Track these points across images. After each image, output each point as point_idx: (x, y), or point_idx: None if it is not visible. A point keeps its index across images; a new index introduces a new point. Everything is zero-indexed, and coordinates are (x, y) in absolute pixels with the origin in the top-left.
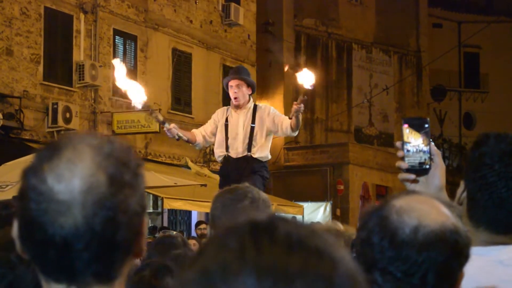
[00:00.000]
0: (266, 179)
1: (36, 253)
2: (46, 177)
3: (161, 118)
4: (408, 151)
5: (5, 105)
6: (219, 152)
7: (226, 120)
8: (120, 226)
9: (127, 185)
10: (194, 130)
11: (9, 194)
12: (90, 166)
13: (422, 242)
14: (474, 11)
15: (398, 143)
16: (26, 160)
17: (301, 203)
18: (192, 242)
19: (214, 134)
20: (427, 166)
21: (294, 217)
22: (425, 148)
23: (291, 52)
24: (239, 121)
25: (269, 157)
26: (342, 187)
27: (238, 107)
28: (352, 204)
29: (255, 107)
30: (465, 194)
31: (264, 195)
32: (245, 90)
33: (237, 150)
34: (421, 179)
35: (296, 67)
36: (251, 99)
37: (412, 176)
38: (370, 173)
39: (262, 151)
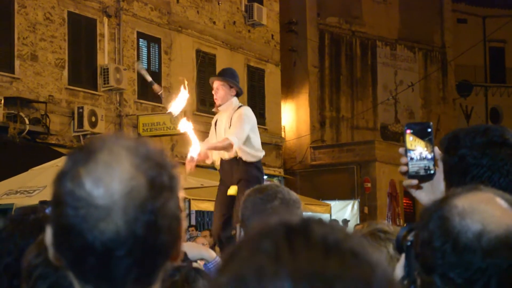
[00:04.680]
0: (258, 178)
1: (74, 260)
2: (84, 182)
3: (148, 77)
4: (411, 158)
5: (31, 110)
6: (216, 156)
7: (215, 124)
8: (161, 230)
9: (166, 188)
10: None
11: (36, 199)
12: (129, 169)
13: (486, 249)
14: (498, 5)
15: (401, 150)
16: (53, 164)
17: (328, 202)
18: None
19: None
20: (431, 172)
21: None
22: (429, 155)
23: (315, 50)
24: (222, 123)
25: (260, 155)
26: (369, 185)
27: (220, 108)
28: (379, 201)
29: (238, 109)
30: None
31: (294, 195)
32: (227, 91)
33: (225, 152)
34: (426, 184)
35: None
36: (235, 101)
37: (415, 182)
38: (397, 171)
39: (249, 152)
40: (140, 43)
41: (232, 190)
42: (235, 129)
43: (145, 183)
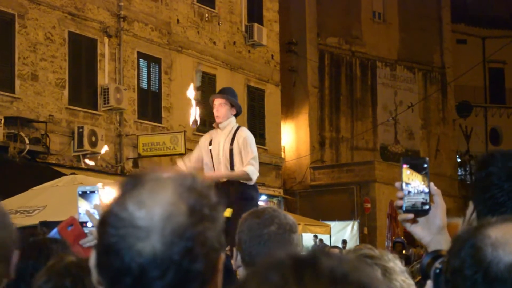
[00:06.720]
0: (254, 197)
1: (113, 281)
2: (128, 204)
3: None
4: (408, 192)
5: (31, 130)
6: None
7: (210, 143)
8: (198, 258)
9: (206, 218)
10: (178, 163)
11: (36, 219)
12: (172, 196)
13: None
14: (498, 26)
15: (397, 184)
16: (53, 184)
17: (328, 222)
18: None
19: (199, 160)
20: (427, 207)
21: (321, 240)
22: (426, 189)
23: (315, 71)
24: (220, 142)
25: (255, 178)
26: (369, 205)
27: (220, 125)
28: (379, 222)
29: (237, 129)
30: (474, 215)
31: (291, 219)
32: (228, 110)
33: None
34: (422, 219)
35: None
36: (233, 121)
37: (411, 216)
38: (396, 191)
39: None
40: (140, 63)
41: (227, 212)
42: (249, 157)
43: (185, 210)
